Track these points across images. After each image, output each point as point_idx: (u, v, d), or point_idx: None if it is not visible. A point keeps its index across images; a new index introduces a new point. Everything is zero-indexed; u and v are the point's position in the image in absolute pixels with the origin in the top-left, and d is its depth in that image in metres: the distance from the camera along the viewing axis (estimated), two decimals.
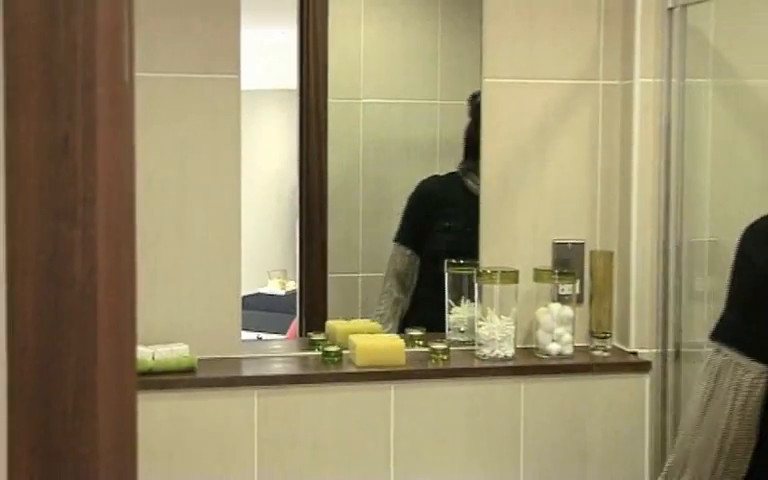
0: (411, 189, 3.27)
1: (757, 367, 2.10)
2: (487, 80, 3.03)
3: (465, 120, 3.14)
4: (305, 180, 3.13)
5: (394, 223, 3.28)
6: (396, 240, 3.24)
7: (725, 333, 2.19)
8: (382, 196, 3.26)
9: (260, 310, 3.16)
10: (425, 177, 3.26)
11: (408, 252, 3.25)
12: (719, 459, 2.13)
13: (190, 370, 2.77)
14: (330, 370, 2.87)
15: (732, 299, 2.24)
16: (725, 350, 2.15)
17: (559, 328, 2.99)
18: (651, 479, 2.95)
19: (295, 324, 3.17)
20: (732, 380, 2.12)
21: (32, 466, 1.07)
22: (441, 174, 3.26)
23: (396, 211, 3.28)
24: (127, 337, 1.12)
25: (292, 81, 3.09)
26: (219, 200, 2.86)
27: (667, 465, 2.27)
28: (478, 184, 3.15)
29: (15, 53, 1.04)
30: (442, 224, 3.26)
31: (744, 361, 2.12)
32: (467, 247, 3.06)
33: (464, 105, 3.17)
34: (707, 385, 2.16)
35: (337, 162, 3.13)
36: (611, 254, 3.05)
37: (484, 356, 2.97)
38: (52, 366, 1.07)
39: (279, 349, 3.08)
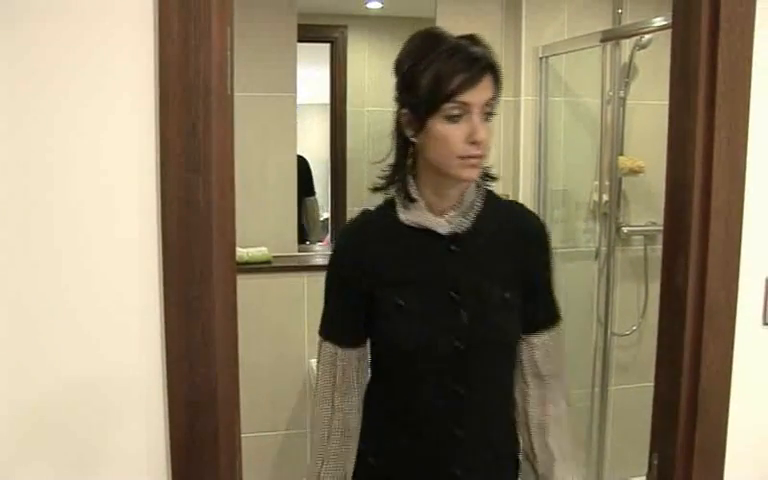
0: None
1: None
2: None
3: None
4: (333, 155, 3.10)
5: None
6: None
7: None
8: (378, 166, 3.21)
9: None
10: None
11: None
12: None
13: (268, 262, 2.77)
14: None
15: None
16: None
17: None
18: None
19: (327, 236, 3.16)
20: None
21: (176, 311, 1.08)
22: None
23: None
24: (230, 241, 1.12)
25: (326, 98, 3.06)
26: (284, 165, 2.84)
27: None
28: None
29: (165, 75, 1.04)
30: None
31: None
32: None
33: None
34: None
35: (351, 146, 3.09)
36: (507, 196, 3.02)
37: None
38: (186, 255, 1.08)
39: (318, 250, 3.07)
